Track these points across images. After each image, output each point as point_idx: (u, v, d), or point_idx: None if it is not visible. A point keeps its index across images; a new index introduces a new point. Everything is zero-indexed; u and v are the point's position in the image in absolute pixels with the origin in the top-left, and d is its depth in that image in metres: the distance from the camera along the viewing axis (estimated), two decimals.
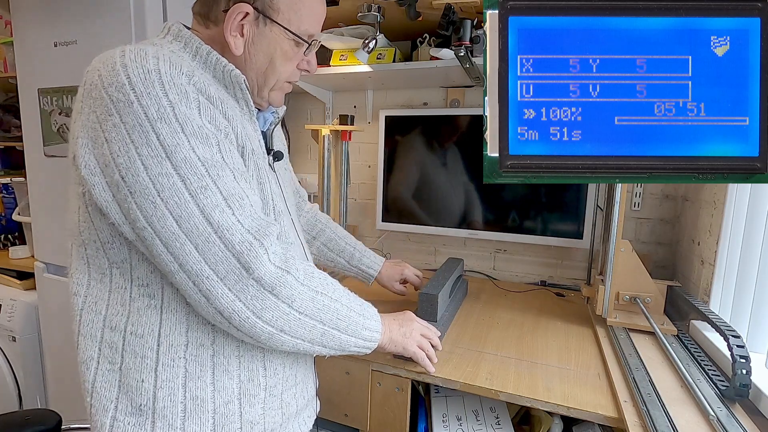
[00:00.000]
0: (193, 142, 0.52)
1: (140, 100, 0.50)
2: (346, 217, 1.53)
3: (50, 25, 1.23)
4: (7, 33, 1.66)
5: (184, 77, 0.54)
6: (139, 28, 1.11)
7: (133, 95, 0.50)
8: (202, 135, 0.53)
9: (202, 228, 0.51)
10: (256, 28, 0.62)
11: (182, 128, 0.51)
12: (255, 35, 0.62)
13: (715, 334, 0.85)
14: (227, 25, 0.60)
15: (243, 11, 0.59)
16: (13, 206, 1.89)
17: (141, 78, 0.50)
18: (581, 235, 1.29)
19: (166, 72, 0.52)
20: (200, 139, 0.52)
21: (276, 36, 0.63)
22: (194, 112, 0.53)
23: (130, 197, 0.50)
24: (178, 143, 0.51)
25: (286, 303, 0.55)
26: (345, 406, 0.92)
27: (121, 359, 0.56)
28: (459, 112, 1.43)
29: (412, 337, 0.80)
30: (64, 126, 1.28)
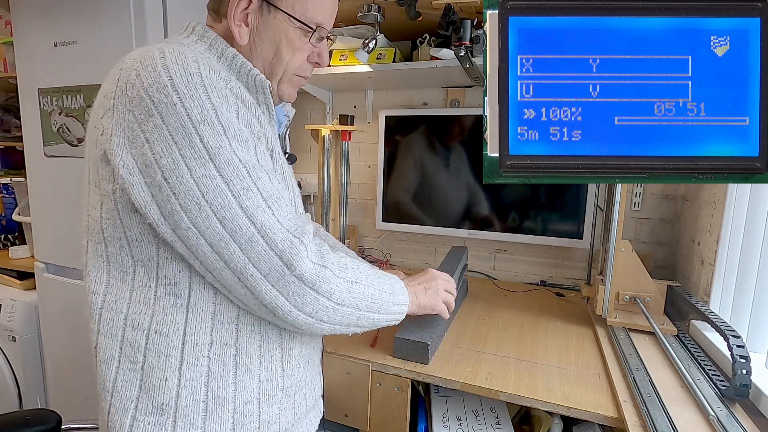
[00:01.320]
0: (234, 144, 0.52)
1: (183, 102, 0.50)
2: (346, 217, 1.53)
3: (50, 25, 1.23)
4: (7, 33, 1.66)
5: (222, 81, 0.54)
6: (139, 28, 1.11)
7: (176, 97, 0.50)
8: (242, 138, 0.54)
9: (246, 228, 0.52)
10: (260, 16, 0.61)
11: (224, 131, 0.52)
12: (260, 23, 0.62)
13: (715, 334, 0.85)
14: (231, 14, 0.59)
15: (247, 1, 0.60)
16: (13, 206, 1.89)
17: (184, 80, 0.51)
18: (581, 235, 1.29)
19: (206, 76, 0.52)
20: (240, 141, 0.53)
21: (281, 24, 0.62)
22: (233, 115, 0.54)
23: (174, 198, 0.51)
24: (221, 145, 0.51)
25: (326, 297, 0.57)
26: (345, 406, 0.92)
27: (143, 358, 0.56)
28: (459, 112, 1.43)
29: (438, 295, 0.84)
30: (64, 126, 1.28)
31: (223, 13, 0.62)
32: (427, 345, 0.87)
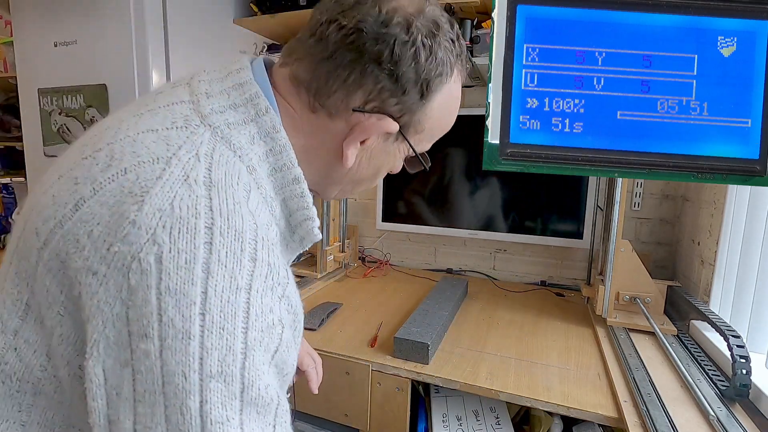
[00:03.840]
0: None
1: (203, 341, 0.33)
2: (346, 217, 1.53)
3: (50, 25, 1.23)
4: (7, 33, 1.65)
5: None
6: (139, 28, 1.11)
7: (199, 329, 0.33)
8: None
9: None
10: (383, 142, 0.47)
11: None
12: (376, 149, 0.47)
13: (715, 334, 0.85)
14: (355, 133, 0.44)
15: (385, 131, 0.44)
16: (13, 206, 1.89)
17: (223, 300, 0.34)
18: (581, 235, 1.29)
19: (260, 287, 0.36)
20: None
21: (397, 152, 0.49)
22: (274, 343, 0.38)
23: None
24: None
25: None
26: (345, 406, 0.92)
27: None
28: (459, 111, 1.42)
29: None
30: (64, 126, 1.28)
31: (326, 106, 0.44)
32: (427, 345, 0.87)
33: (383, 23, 0.40)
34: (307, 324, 1.03)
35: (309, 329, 1.02)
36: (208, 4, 1.30)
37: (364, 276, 1.49)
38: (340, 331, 1.02)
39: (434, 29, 0.42)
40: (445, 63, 0.43)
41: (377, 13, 0.40)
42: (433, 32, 0.42)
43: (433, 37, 0.42)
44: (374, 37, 0.40)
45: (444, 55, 0.43)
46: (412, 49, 0.41)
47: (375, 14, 0.40)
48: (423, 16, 0.42)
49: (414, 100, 0.44)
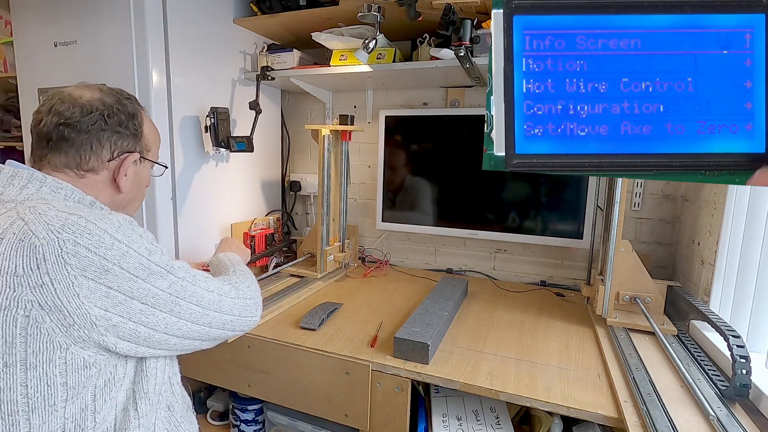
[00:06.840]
0: (165, 256, 0.67)
1: (131, 246, 0.62)
2: (346, 217, 1.53)
3: (50, 25, 1.23)
4: (7, 33, 1.65)
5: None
6: (139, 28, 1.11)
7: (125, 246, 0.62)
8: (163, 250, 0.70)
9: (208, 298, 0.72)
10: (136, 167, 0.75)
11: (161, 250, 0.67)
12: (134, 173, 0.75)
13: (715, 334, 0.85)
14: (119, 170, 0.72)
15: (133, 160, 0.73)
16: None
17: (121, 231, 0.62)
18: (581, 235, 1.29)
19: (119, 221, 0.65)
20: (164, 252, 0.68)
21: (145, 169, 0.79)
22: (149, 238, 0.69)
23: (159, 311, 0.64)
24: (167, 261, 0.67)
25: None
26: (345, 406, 0.92)
27: None
28: (459, 112, 1.43)
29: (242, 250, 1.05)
30: None
31: (90, 169, 0.70)
32: (427, 345, 0.87)
33: (88, 110, 0.69)
34: (308, 324, 1.03)
35: (309, 329, 1.02)
36: (208, 4, 1.30)
37: (364, 276, 1.49)
38: (340, 331, 1.03)
39: (118, 100, 0.73)
40: (137, 109, 0.75)
41: (79, 107, 0.70)
42: (119, 100, 0.73)
43: (120, 103, 0.73)
44: (87, 121, 0.69)
45: (132, 107, 0.74)
46: (119, 115, 0.72)
47: (78, 108, 0.70)
48: (106, 98, 0.72)
49: (136, 135, 0.74)
